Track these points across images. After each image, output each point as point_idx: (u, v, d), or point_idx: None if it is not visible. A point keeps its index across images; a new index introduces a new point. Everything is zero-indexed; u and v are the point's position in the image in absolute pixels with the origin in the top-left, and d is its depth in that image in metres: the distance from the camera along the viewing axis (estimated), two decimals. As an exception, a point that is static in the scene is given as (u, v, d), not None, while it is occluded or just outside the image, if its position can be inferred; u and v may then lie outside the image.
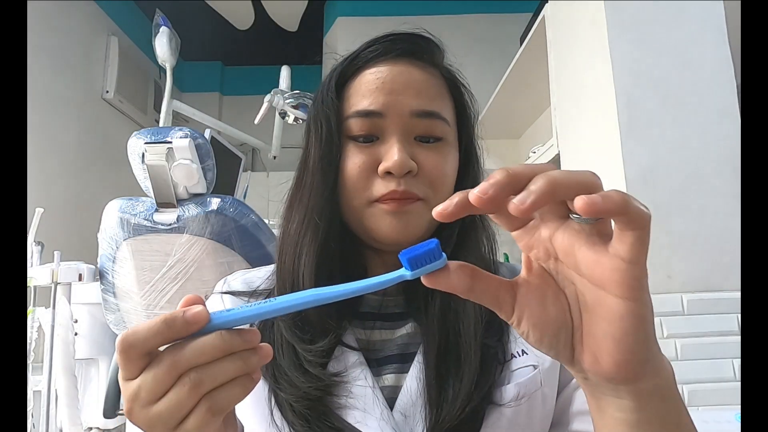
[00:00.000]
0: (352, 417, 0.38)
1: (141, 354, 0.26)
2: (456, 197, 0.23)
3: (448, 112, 0.44)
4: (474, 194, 0.22)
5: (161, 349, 0.26)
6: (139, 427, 0.27)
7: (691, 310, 0.92)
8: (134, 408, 0.26)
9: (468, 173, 0.46)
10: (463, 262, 0.26)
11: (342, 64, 0.45)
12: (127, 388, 0.26)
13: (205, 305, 0.27)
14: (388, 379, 0.42)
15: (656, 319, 0.92)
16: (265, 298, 0.28)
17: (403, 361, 0.42)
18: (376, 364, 0.42)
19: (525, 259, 0.27)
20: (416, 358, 0.41)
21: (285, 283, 0.43)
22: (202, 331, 0.26)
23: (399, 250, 0.29)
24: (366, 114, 0.42)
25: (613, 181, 1.02)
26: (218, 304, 0.46)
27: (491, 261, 0.45)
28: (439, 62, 0.46)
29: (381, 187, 0.41)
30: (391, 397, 0.40)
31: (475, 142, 0.48)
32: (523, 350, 0.42)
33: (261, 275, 0.48)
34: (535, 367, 0.41)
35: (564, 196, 0.22)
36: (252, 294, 0.46)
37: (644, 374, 0.25)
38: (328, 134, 0.42)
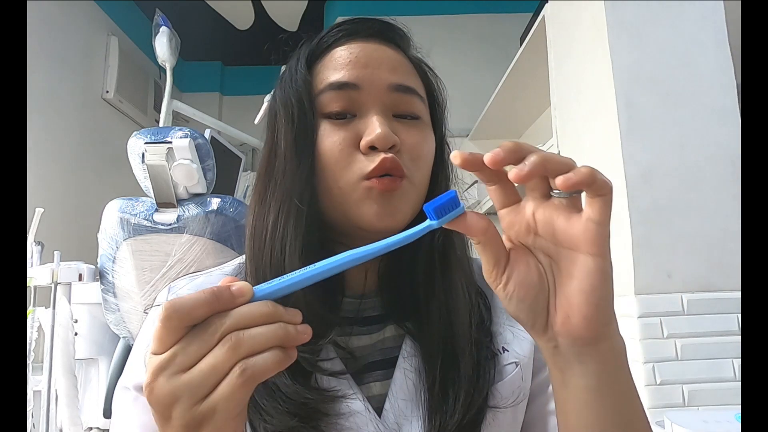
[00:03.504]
0: None
1: (183, 323, 0.25)
2: (480, 155, 0.28)
3: (422, 93, 0.43)
4: (489, 156, 0.27)
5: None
6: (156, 404, 0.25)
7: (691, 310, 0.92)
8: (159, 380, 0.25)
9: (443, 162, 0.44)
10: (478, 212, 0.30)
11: (309, 42, 0.43)
12: (155, 360, 0.25)
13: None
14: (375, 387, 0.40)
15: (656, 319, 0.92)
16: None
17: (386, 367, 0.40)
18: (358, 372, 0.39)
19: (505, 238, 0.31)
20: (400, 363, 0.39)
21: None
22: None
23: (379, 238, 0.31)
24: (340, 86, 0.39)
25: (613, 180, 1.01)
26: (163, 298, 0.42)
27: (466, 249, 0.44)
28: (406, 48, 0.45)
29: (367, 163, 0.37)
30: (377, 406, 0.38)
31: (445, 131, 0.45)
32: (503, 347, 0.41)
33: (213, 279, 0.43)
34: (517, 364, 0.41)
35: (550, 172, 0.27)
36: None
37: (606, 335, 0.29)
38: (300, 113, 0.39)
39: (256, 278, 0.39)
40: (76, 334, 1.37)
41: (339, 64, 0.40)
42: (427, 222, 0.29)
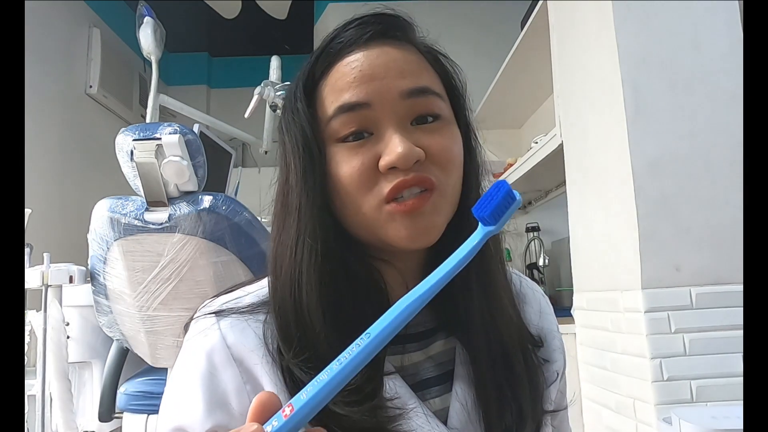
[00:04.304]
0: None
1: None
2: None
3: (438, 87, 0.40)
4: None
5: None
6: None
7: (700, 304, 0.90)
8: None
9: (471, 152, 0.41)
10: None
11: (308, 64, 0.40)
12: None
13: (277, 399, 0.24)
14: (435, 403, 0.39)
15: (664, 314, 0.90)
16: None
17: (442, 381, 0.40)
18: (415, 389, 0.38)
19: None
20: (457, 373, 0.39)
21: (288, 320, 0.37)
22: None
23: (418, 255, 0.33)
24: (350, 108, 0.37)
25: (619, 170, 0.99)
26: (215, 337, 0.38)
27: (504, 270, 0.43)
28: (413, 37, 0.42)
29: (386, 186, 0.35)
30: (442, 420, 0.38)
31: (470, 117, 0.43)
32: (543, 359, 0.42)
33: (243, 303, 0.40)
34: (557, 373, 0.42)
35: None
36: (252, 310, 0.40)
37: None
38: (305, 146, 0.38)
39: (279, 316, 0.37)
40: (68, 337, 1.35)
41: (344, 83, 0.37)
42: (484, 230, 0.25)
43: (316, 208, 0.37)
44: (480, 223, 0.26)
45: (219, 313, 0.38)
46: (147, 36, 1.51)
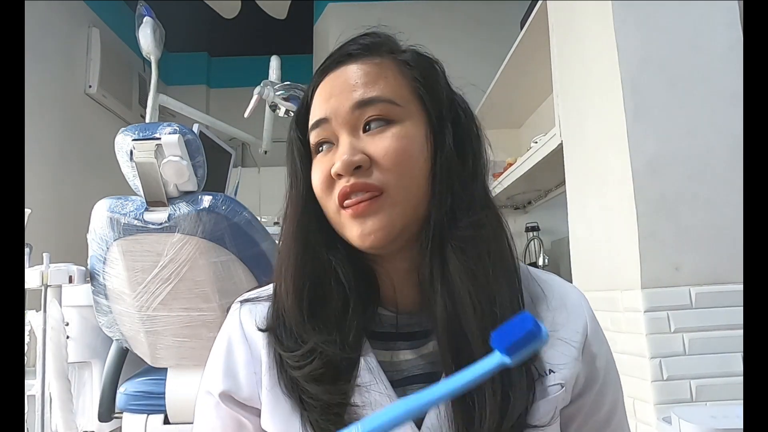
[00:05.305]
0: None
1: None
2: None
3: (398, 92, 0.41)
4: None
5: None
6: None
7: (700, 304, 0.90)
8: None
9: (441, 147, 0.41)
10: None
11: (310, 83, 0.47)
12: None
13: None
14: None
15: (663, 314, 0.90)
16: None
17: (428, 381, 0.40)
18: (398, 384, 0.41)
19: None
20: (443, 377, 0.39)
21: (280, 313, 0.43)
22: None
23: (384, 253, 0.41)
24: (315, 125, 0.43)
25: (618, 170, 0.99)
26: (235, 319, 0.46)
27: (515, 267, 0.42)
28: (387, 48, 0.44)
29: (338, 191, 0.40)
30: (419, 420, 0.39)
31: (451, 111, 0.43)
32: (550, 369, 0.40)
33: (268, 293, 0.47)
34: (562, 385, 0.40)
35: None
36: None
37: None
38: (297, 152, 0.45)
39: (273, 306, 0.44)
40: (68, 337, 1.35)
41: (316, 103, 0.44)
42: (499, 359, 0.25)
43: (299, 215, 0.43)
44: (496, 350, 0.25)
45: (243, 301, 0.47)
46: (146, 36, 1.51)
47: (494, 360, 0.25)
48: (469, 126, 0.44)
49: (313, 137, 0.43)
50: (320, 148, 0.43)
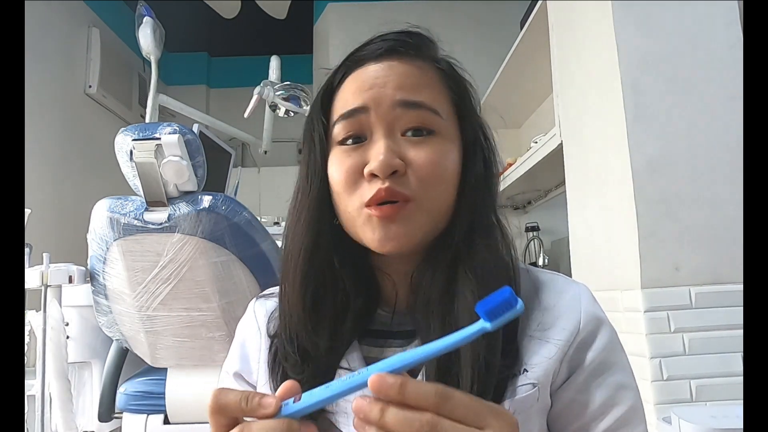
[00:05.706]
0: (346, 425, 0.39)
1: (227, 420, 0.30)
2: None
3: (441, 104, 0.42)
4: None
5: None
6: None
7: (700, 304, 0.90)
8: None
9: (470, 170, 0.42)
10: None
11: (330, 74, 0.45)
12: None
13: (300, 392, 0.30)
14: None
15: (663, 314, 0.90)
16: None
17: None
18: None
19: None
20: (420, 375, 0.40)
21: (283, 308, 0.44)
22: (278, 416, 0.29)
23: (398, 259, 0.40)
24: (349, 114, 0.41)
25: (619, 170, 0.99)
26: (251, 312, 0.50)
27: (511, 266, 0.42)
28: (431, 54, 0.44)
29: (368, 191, 0.39)
30: None
31: (481, 136, 0.45)
32: (525, 369, 0.40)
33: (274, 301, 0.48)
34: (534, 385, 0.39)
35: None
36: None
37: None
38: (312, 146, 0.43)
39: (282, 313, 0.44)
40: (68, 337, 1.35)
41: (349, 93, 0.42)
42: (480, 323, 0.28)
43: (312, 208, 0.42)
44: (480, 318, 0.28)
45: (259, 296, 0.51)
46: (146, 36, 1.51)
47: (476, 326, 0.28)
48: (492, 151, 0.45)
49: (343, 127, 0.41)
50: (347, 141, 0.41)
